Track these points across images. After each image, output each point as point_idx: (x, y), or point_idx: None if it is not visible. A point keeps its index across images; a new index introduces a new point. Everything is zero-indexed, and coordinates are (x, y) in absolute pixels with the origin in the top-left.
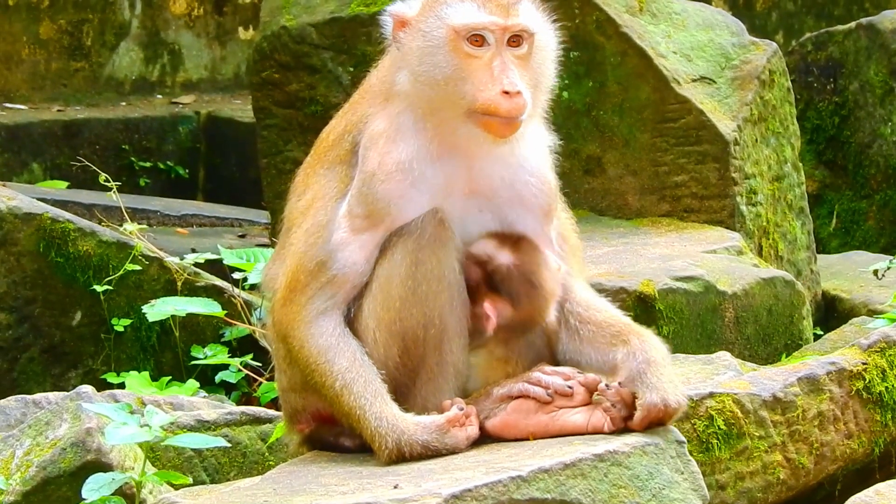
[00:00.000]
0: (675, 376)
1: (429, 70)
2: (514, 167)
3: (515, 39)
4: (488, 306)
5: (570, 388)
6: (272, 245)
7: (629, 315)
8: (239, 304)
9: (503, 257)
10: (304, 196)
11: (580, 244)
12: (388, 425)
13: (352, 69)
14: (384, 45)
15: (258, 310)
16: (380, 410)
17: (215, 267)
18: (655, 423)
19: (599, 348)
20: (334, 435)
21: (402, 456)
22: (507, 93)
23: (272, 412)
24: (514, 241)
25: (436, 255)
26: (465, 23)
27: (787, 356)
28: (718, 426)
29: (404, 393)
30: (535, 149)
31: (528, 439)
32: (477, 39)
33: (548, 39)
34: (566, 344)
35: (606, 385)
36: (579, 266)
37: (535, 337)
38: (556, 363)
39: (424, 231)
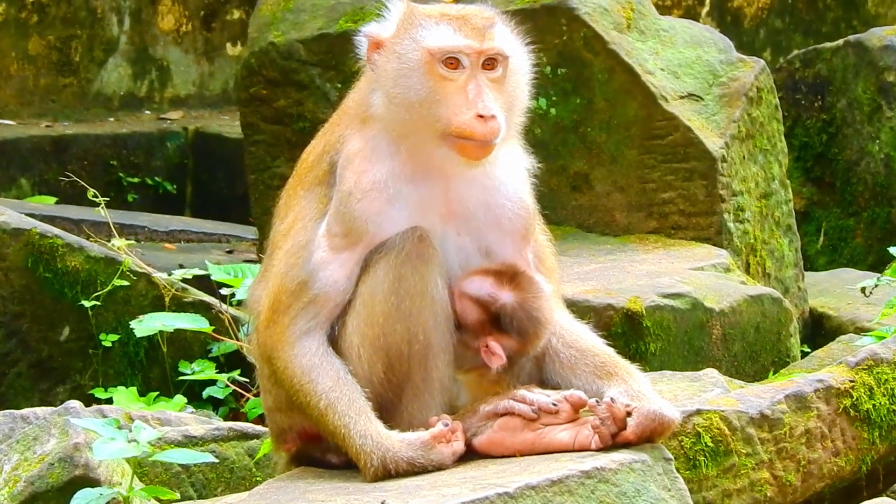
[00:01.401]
0: (667, 401)
1: (403, 92)
2: (491, 190)
3: (490, 63)
4: (495, 345)
5: (554, 405)
6: (260, 261)
7: (616, 332)
8: (226, 320)
9: (505, 296)
10: (286, 218)
11: (556, 266)
12: (373, 443)
13: (340, 85)
14: (361, 66)
15: (246, 326)
16: (364, 428)
17: (203, 283)
18: (649, 433)
19: (582, 375)
20: (321, 451)
21: (388, 473)
22: (481, 116)
23: (259, 428)
24: (510, 276)
25: (418, 271)
26: (441, 45)
27: (774, 373)
28: (706, 443)
29: (390, 409)
30: (511, 171)
31: (514, 456)
32: (452, 62)
33: (522, 62)
34: (549, 367)
35: (597, 401)
36: (555, 288)
37: (525, 360)
38: (543, 384)
39: (406, 247)
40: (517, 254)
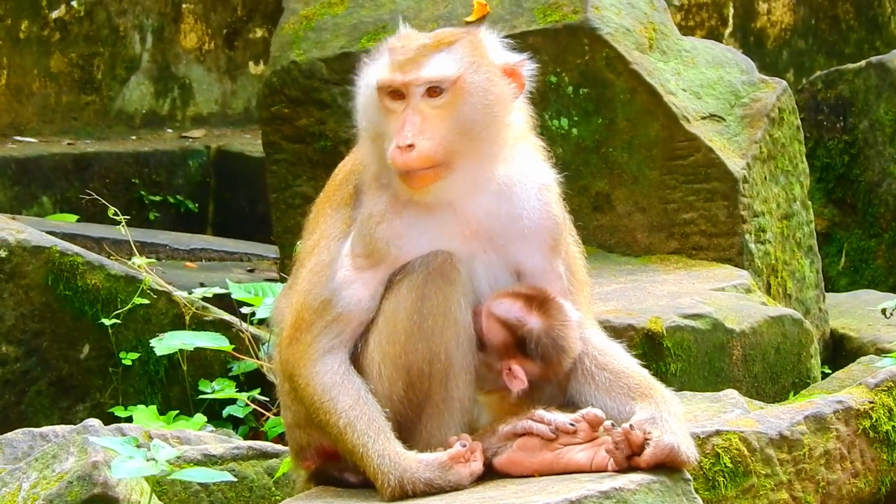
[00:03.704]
0: (691, 437)
1: (365, 126)
2: (507, 204)
3: (434, 91)
4: (517, 369)
5: (572, 425)
6: (281, 280)
7: (636, 353)
8: (247, 339)
9: (533, 321)
10: (312, 235)
11: (588, 280)
12: (391, 463)
13: None
14: None
15: (266, 344)
16: (382, 448)
17: (224, 301)
18: (660, 465)
19: (616, 398)
20: (339, 470)
21: (405, 493)
22: (399, 147)
23: (279, 447)
24: (540, 301)
25: (442, 290)
26: (378, 79)
27: (794, 394)
28: (725, 464)
29: (410, 428)
30: (528, 183)
31: (533, 476)
32: (396, 95)
33: (479, 81)
34: (581, 387)
35: (612, 424)
36: (587, 303)
37: (547, 385)
38: (565, 407)
39: (430, 267)
40: (548, 265)
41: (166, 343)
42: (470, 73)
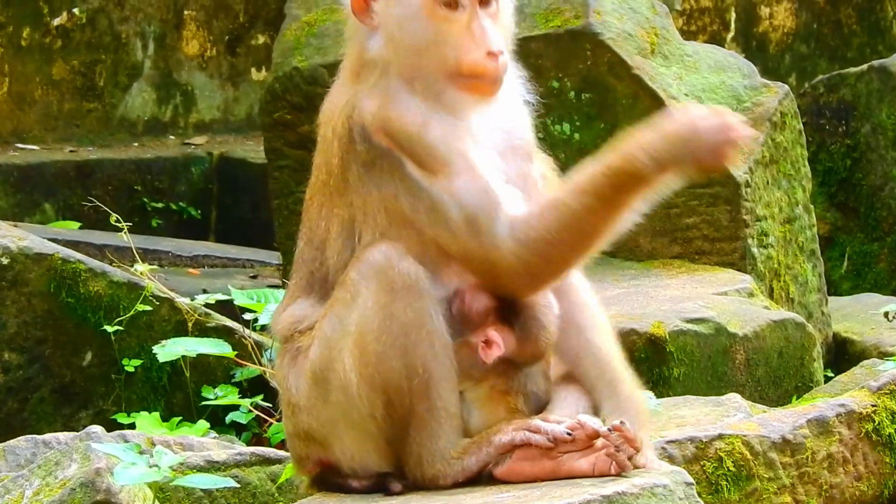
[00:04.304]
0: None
1: (409, 36)
2: (503, 115)
3: (485, 0)
4: (494, 333)
5: (569, 434)
6: (284, 286)
7: (639, 357)
8: (250, 345)
9: None
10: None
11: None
12: None
13: None
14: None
15: (269, 351)
16: None
17: (226, 308)
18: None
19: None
20: (342, 477)
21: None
22: (491, 53)
23: (282, 453)
24: None
25: (412, 306)
26: None
27: (797, 398)
28: (728, 468)
29: (397, 444)
30: (512, 98)
31: (535, 482)
32: (451, 3)
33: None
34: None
35: (609, 429)
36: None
37: (533, 370)
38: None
39: (395, 283)
40: (530, 171)
41: (169, 350)
42: None
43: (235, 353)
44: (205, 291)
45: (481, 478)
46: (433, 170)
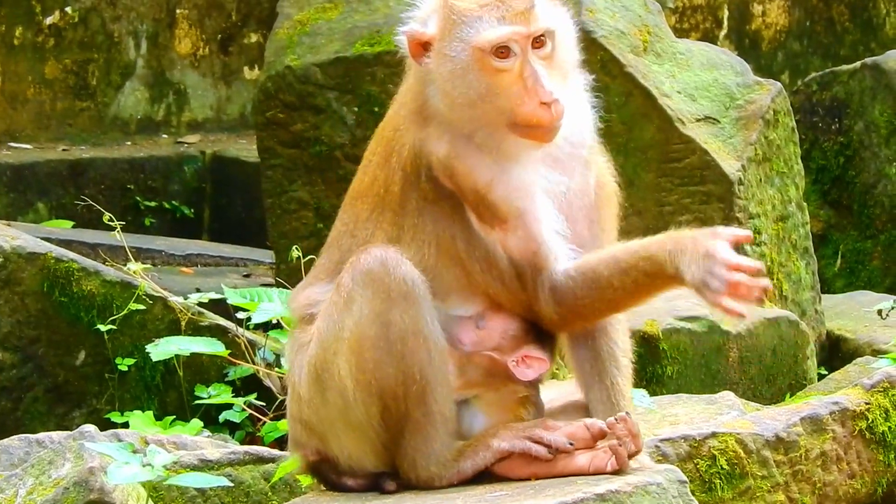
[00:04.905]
0: None
1: (462, 92)
2: (566, 126)
3: (539, 41)
4: (537, 351)
5: (570, 444)
6: (277, 285)
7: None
8: (243, 344)
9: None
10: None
11: (616, 192)
12: None
13: (356, 109)
14: (403, 69)
15: (262, 349)
16: None
17: (220, 306)
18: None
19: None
20: (336, 474)
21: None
22: (544, 103)
23: (276, 452)
24: None
25: (407, 313)
26: (488, 39)
27: (791, 396)
28: (721, 466)
29: (393, 448)
30: (576, 110)
31: (530, 479)
32: (502, 52)
33: (566, 25)
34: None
35: (615, 419)
36: (611, 219)
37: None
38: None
39: (391, 292)
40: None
41: (162, 349)
42: (562, 19)
43: (229, 351)
44: (198, 290)
45: (480, 474)
46: (492, 224)
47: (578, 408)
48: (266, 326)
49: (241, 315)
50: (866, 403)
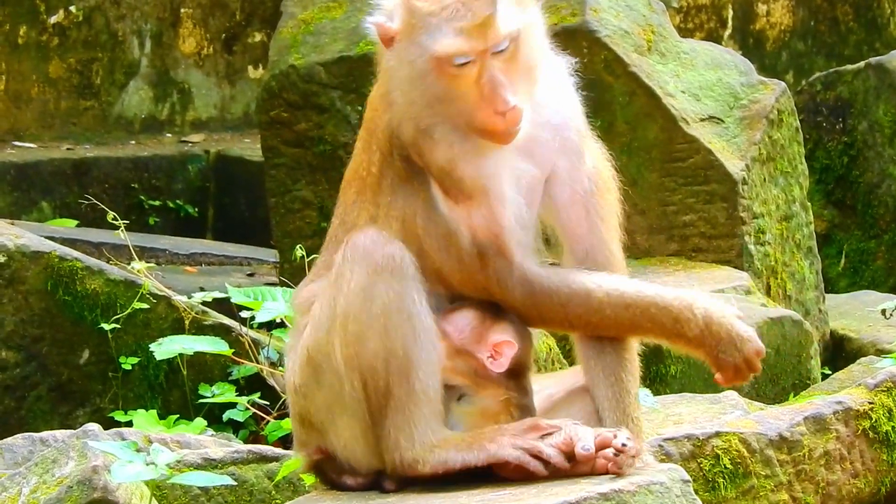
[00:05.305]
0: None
1: (419, 94)
2: (553, 113)
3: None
4: (502, 335)
5: (567, 462)
6: (281, 284)
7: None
8: (247, 343)
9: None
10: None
11: (613, 176)
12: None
13: (360, 108)
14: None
15: (265, 348)
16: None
17: (223, 305)
18: None
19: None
20: (337, 473)
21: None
22: (499, 113)
23: (279, 450)
24: None
25: (392, 288)
26: (447, 52)
27: (794, 396)
28: (724, 465)
29: (376, 426)
30: (555, 95)
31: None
32: (461, 59)
33: (531, 19)
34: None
35: (614, 452)
36: (609, 206)
37: (522, 382)
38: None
39: (378, 264)
40: (574, 167)
41: (166, 347)
42: (526, 19)
43: (232, 350)
44: (202, 289)
45: (476, 470)
46: (456, 199)
47: (582, 395)
48: (270, 325)
49: (244, 314)
50: (870, 403)
